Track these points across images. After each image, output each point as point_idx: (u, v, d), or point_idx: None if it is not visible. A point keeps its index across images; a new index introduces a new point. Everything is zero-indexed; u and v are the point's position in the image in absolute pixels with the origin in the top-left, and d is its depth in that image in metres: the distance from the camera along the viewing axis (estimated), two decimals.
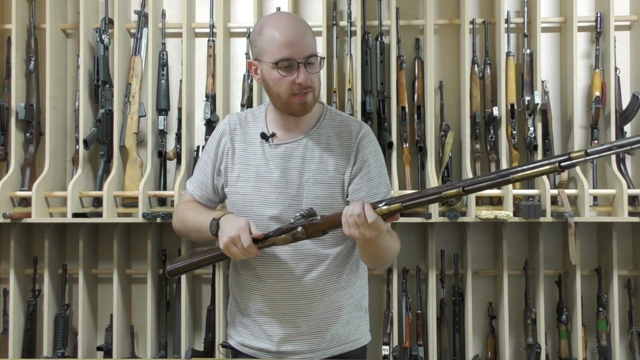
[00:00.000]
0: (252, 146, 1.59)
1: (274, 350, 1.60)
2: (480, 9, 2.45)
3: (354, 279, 1.65)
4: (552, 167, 1.23)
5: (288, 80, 1.47)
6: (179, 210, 1.71)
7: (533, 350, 2.29)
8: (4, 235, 2.45)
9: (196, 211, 1.64)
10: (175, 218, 1.70)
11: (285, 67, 1.46)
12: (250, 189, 1.57)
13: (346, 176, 1.56)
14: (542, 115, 2.33)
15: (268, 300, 1.59)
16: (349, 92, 2.31)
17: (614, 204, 2.25)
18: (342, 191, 1.57)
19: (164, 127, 2.40)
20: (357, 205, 1.36)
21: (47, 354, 2.32)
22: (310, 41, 1.50)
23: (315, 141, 1.57)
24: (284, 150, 1.56)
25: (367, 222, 1.34)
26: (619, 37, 2.36)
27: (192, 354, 2.26)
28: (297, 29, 1.48)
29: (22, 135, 2.40)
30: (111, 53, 2.38)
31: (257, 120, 1.62)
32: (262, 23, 1.52)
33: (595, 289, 2.37)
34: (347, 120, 1.64)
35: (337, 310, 1.62)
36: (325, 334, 1.61)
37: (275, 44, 1.46)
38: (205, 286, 2.47)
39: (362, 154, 1.57)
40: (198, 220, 1.60)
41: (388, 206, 1.36)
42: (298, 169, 1.55)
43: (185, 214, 1.66)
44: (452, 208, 2.27)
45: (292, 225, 1.46)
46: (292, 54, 1.45)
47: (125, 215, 2.33)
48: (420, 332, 2.34)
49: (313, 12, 2.45)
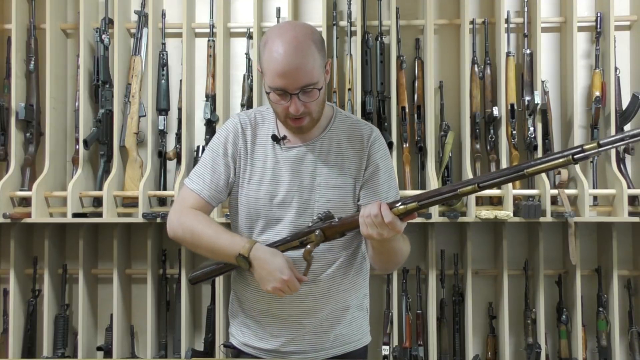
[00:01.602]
0: (263, 148, 1.57)
1: (278, 350, 1.60)
2: (480, 9, 2.45)
3: (358, 279, 1.65)
4: (566, 159, 1.23)
5: (282, 106, 1.47)
6: (186, 219, 1.54)
7: (533, 350, 2.29)
8: (4, 235, 2.45)
9: (211, 229, 1.51)
10: (179, 225, 1.54)
11: (279, 94, 1.45)
12: (263, 191, 1.55)
13: (358, 180, 1.57)
14: (542, 115, 2.33)
15: (274, 302, 1.57)
16: (349, 92, 2.31)
17: (614, 204, 2.25)
18: (354, 195, 1.57)
19: (164, 127, 2.40)
20: (374, 206, 1.37)
21: (47, 354, 2.33)
22: (308, 70, 1.43)
23: (326, 145, 1.57)
24: (296, 153, 1.55)
25: (384, 222, 1.36)
26: (619, 37, 2.36)
27: (192, 354, 2.26)
28: (294, 58, 1.42)
29: (22, 135, 2.40)
30: (111, 53, 2.38)
31: (265, 122, 1.60)
32: (267, 37, 1.48)
33: (595, 289, 2.37)
34: (357, 123, 1.64)
35: (342, 311, 1.62)
36: (329, 334, 1.61)
37: (271, 70, 1.44)
38: (205, 286, 2.47)
39: (374, 158, 1.58)
40: (216, 243, 1.49)
41: (405, 206, 1.38)
42: (310, 172, 1.54)
43: (196, 228, 1.51)
44: (452, 208, 2.27)
45: (311, 229, 1.46)
46: (285, 85, 1.43)
47: (125, 215, 2.33)
48: (420, 332, 2.34)
49: (313, 12, 2.45)
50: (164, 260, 2.43)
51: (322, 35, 2.20)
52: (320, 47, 1.47)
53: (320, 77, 1.47)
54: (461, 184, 1.36)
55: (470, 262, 2.32)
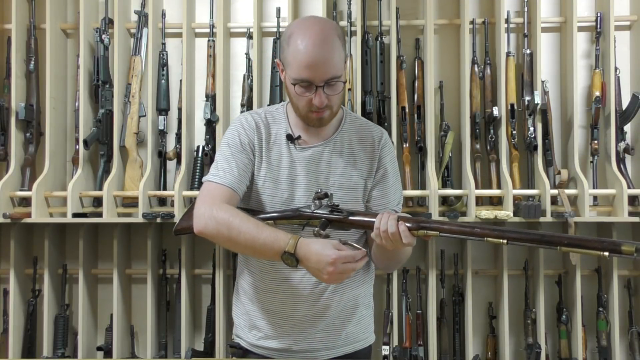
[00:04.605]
0: (277, 147, 1.57)
1: (289, 349, 1.61)
2: (480, 9, 2.45)
3: (366, 277, 1.67)
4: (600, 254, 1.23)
5: (306, 99, 1.47)
6: (220, 212, 1.43)
7: (533, 350, 2.29)
8: (4, 235, 2.45)
9: (251, 223, 1.42)
10: (212, 218, 1.43)
11: (304, 86, 1.45)
12: (280, 191, 1.55)
13: (369, 182, 1.59)
14: (542, 115, 2.33)
15: (288, 302, 1.58)
16: (349, 92, 2.31)
17: (614, 204, 2.25)
18: (364, 195, 1.59)
19: (164, 127, 2.40)
20: (392, 223, 1.37)
21: (47, 354, 2.32)
22: (334, 63, 1.44)
23: (339, 145, 1.58)
24: (312, 153, 1.56)
25: (402, 242, 1.37)
26: (619, 37, 2.35)
27: (192, 354, 2.26)
28: (322, 50, 1.42)
29: (22, 135, 2.40)
30: (111, 53, 2.38)
31: (277, 121, 1.60)
32: (292, 30, 1.48)
33: (595, 289, 2.37)
34: (367, 124, 1.66)
35: (353, 309, 1.64)
36: (340, 332, 1.62)
37: (297, 62, 1.43)
38: (205, 286, 2.47)
39: (384, 161, 1.61)
40: (258, 239, 1.40)
41: (425, 231, 1.38)
42: (324, 173, 1.56)
43: (234, 222, 1.41)
44: (452, 208, 2.27)
45: (316, 215, 1.47)
46: (312, 77, 1.43)
47: (125, 215, 2.33)
48: (420, 332, 2.34)
49: (313, 12, 2.45)
50: (164, 260, 2.43)
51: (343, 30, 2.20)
52: (343, 42, 1.50)
53: (343, 71, 1.49)
54: (490, 231, 1.34)
55: (470, 262, 2.32)
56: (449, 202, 2.32)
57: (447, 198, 2.32)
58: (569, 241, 1.27)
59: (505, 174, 2.26)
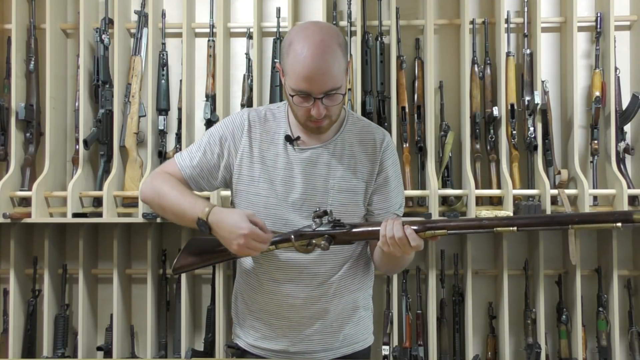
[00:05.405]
0: (274, 147, 1.55)
1: (286, 350, 1.60)
2: (480, 9, 2.45)
3: (365, 279, 1.66)
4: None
5: (304, 109, 1.44)
6: (157, 181, 1.53)
7: (533, 350, 2.29)
8: (4, 235, 2.45)
9: (177, 190, 1.49)
10: (149, 186, 1.54)
11: (303, 97, 1.43)
12: (275, 192, 1.52)
13: (369, 184, 1.55)
14: (542, 115, 2.33)
15: (286, 304, 1.57)
16: (349, 92, 2.31)
17: (614, 204, 2.25)
18: (365, 198, 1.56)
19: (164, 127, 2.40)
20: (398, 228, 1.35)
21: (47, 354, 2.32)
22: (333, 75, 1.41)
23: (339, 147, 1.55)
24: (310, 155, 1.53)
25: (410, 245, 1.35)
26: (619, 37, 2.35)
27: (192, 354, 2.26)
28: (321, 63, 1.38)
29: (22, 135, 2.40)
30: (111, 53, 2.38)
31: (277, 120, 1.58)
32: (292, 38, 1.44)
33: (595, 289, 2.37)
34: (369, 126, 1.62)
35: (352, 311, 1.62)
36: (338, 334, 1.61)
37: (295, 73, 1.40)
38: (205, 286, 2.47)
39: (386, 165, 1.57)
40: (180, 206, 1.46)
41: (432, 232, 1.36)
42: (323, 175, 1.53)
43: (163, 189, 1.50)
44: (452, 208, 2.27)
45: (318, 233, 1.43)
46: (310, 89, 1.40)
47: (125, 215, 2.33)
48: (420, 332, 2.34)
49: (313, 12, 2.45)
50: (164, 260, 2.43)
51: (345, 36, 2.20)
52: (345, 50, 1.45)
53: (343, 81, 1.45)
54: (499, 220, 1.34)
55: (470, 262, 2.32)
56: (449, 202, 2.32)
57: (447, 198, 2.32)
58: (580, 218, 1.29)
59: (505, 174, 2.26)
